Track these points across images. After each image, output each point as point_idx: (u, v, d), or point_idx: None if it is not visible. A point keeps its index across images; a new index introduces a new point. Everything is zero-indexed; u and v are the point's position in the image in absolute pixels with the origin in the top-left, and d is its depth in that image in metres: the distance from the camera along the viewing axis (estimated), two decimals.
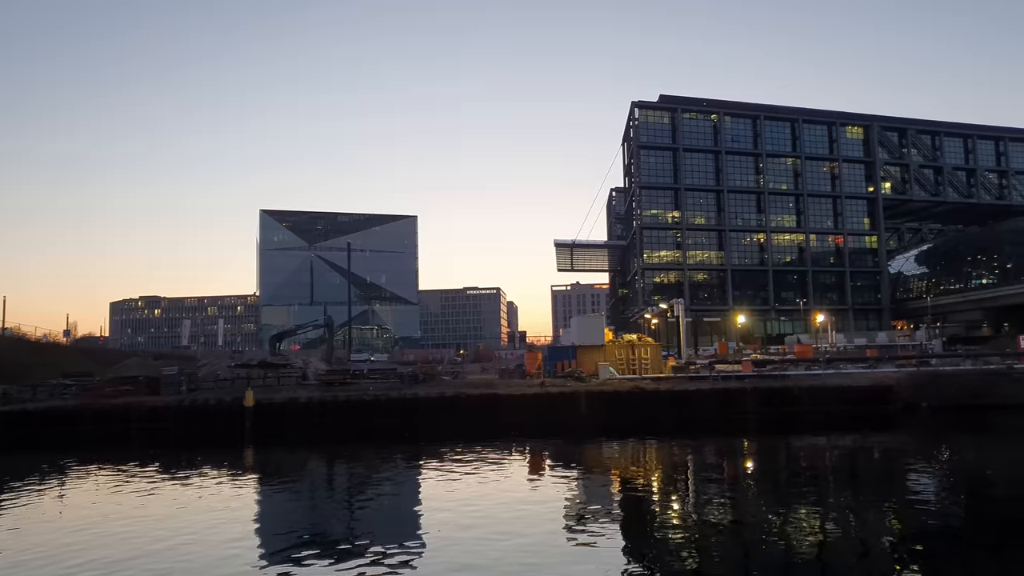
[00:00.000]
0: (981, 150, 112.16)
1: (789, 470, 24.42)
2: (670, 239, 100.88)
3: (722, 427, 34.63)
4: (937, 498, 19.42)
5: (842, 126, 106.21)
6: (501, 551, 13.82)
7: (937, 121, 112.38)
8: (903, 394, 38.12)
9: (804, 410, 37.04)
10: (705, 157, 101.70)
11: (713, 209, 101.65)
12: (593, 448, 29.91)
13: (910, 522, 16.38)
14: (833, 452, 27.93)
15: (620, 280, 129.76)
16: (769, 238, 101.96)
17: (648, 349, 48.45)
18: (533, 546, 14.17)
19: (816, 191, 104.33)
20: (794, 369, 47.09)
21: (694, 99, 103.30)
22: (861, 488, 21.05)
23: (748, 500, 19.23)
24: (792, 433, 32.66)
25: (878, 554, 13.98)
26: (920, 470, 23.91)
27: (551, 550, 13.96)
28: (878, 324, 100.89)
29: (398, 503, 20.00)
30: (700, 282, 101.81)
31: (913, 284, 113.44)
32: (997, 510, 17.64)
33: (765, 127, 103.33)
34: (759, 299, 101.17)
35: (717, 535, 15.23)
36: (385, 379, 46.25)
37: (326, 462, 28.14)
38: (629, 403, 37.75)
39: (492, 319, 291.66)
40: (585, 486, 21.57)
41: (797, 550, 14.01)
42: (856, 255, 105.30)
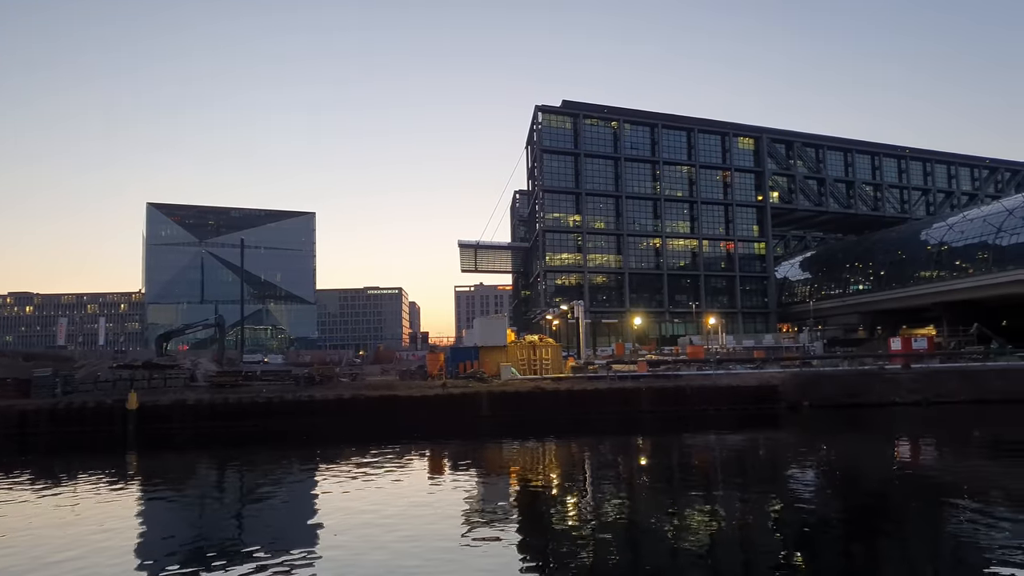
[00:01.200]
0: (859, 164, 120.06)
1: (681, 466, 25.23)
2: (571, 242, 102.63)
3: (619, 425, 35.42)
4: (817, 490, 20.55)
5: (735, 137, 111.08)
6: (398, 553, 13.61)
7: (821, 135, 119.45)
8: (787, 393, 40.19)
9: (696, 409, 38.43)
10: (605, 163, 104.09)
11: (613, 214, 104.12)
12: (494, 448, 29.97)
13: (793, 513, 17.27)
14: (722, 449, 29.08)
15: (523, 282, 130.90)
16: (665, 243, 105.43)
17: (549, 350, 49.05)
18: (431, 547, 14.02)
19: (709, 199, 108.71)
20: (686, 369, 48.83)
21: (596, 105, 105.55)
22: (748, 482, 21.97)
23: (642, 496, 19.72)
24: (685, 431, 33.76)
25: (763, 544, 14.62)
26: (802, 465, 25.25)
27: (449, 550, 13.84)
28: (765, 327, 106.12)
29: (292, 507, 19.35)
30: (599, 284, 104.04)
31: (797, 289, 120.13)
32: (869, 500, 18.86)
33: (663, 135, 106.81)
34: (655, 302, 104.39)
35: (612, 530, 15.52)
36: (280, 381, 44.81)
37: (216, 467, 26.91)
38: (530, 403, 38.08)
39: (393, 320, 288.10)
40: (484, 486, 21.56)
41: (688, 543, 14.47)
42: (745, 261, 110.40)
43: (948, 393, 41.01)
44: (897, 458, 26.44)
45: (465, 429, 34.47)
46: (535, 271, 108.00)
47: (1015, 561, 12.42)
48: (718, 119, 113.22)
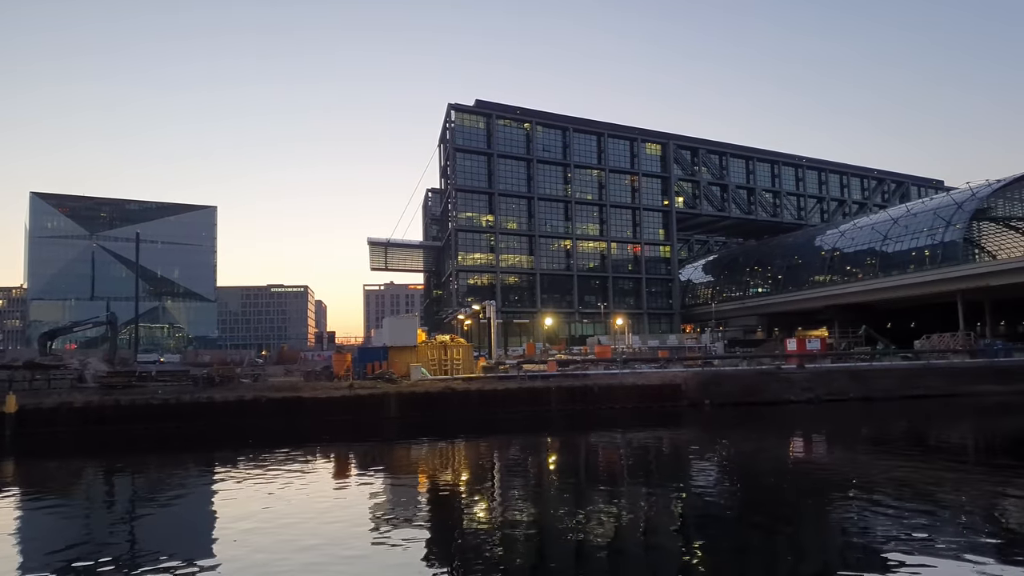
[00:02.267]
0: (759, 172, 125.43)
1: (588, 464, 25.52)
2: (484, 242, 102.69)
3: (529, 425, 35.55)
4: (717, 485, 21.17)
5: (643, 142, 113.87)
6: (303, 559, 13.10)
7: (724, 143, 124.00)
8: (689, 392, 41.42)
9: (603, 407, 39.05)
10: (518, 164, 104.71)
11: (525, 215, 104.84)
12: (402, 449, 29.50)
13: (694, 507, 17.74)
14: (628, 446, 29.59)
15: (435, 281, 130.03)
16: (575, 245, 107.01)
17: (460, 350, 48.77)
18: (337, 552, 13.57)
19: (618, 202, 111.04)
20: (594, 369, 49.55)
21: (509, 107, 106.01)
22: (652, 478, 22.43)
23: (550, 494, 19.79)
24: (592, 429, 34.19)
25: (666, 538, 14.90)
26: (703, 461, 25.99)
27: (356, 555, 13.44)
28: (670, 327, 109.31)
29: (188, 515, 18.38)
30: (512, 285, 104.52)
31: (700, 291, 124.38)
32: (766, 493, 19.60)
33: (574, 139, 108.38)
34: (565, 302, 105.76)
35: (520, 529, 15.47)
36: (176, 381, 42.75)
37: (105, 474, 25.30)
38: (440, 403, 37.75)
39: (299, 318, 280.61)
40: (392, 488, 21.13)
41: (594, 539, 14.56)
42: (652, 263, 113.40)
43: (838, 391, 43.31)
44: (791, 453, 27.61)
45: (373, 431, 33.82)
46: (447, 270, 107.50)
47: (899, 548, 13.10)
48: (627, 124, 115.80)
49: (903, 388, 44.49)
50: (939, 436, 31.94)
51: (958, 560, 12.32)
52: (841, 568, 12.50)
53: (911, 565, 12.18)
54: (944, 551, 12.92)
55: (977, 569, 11.82)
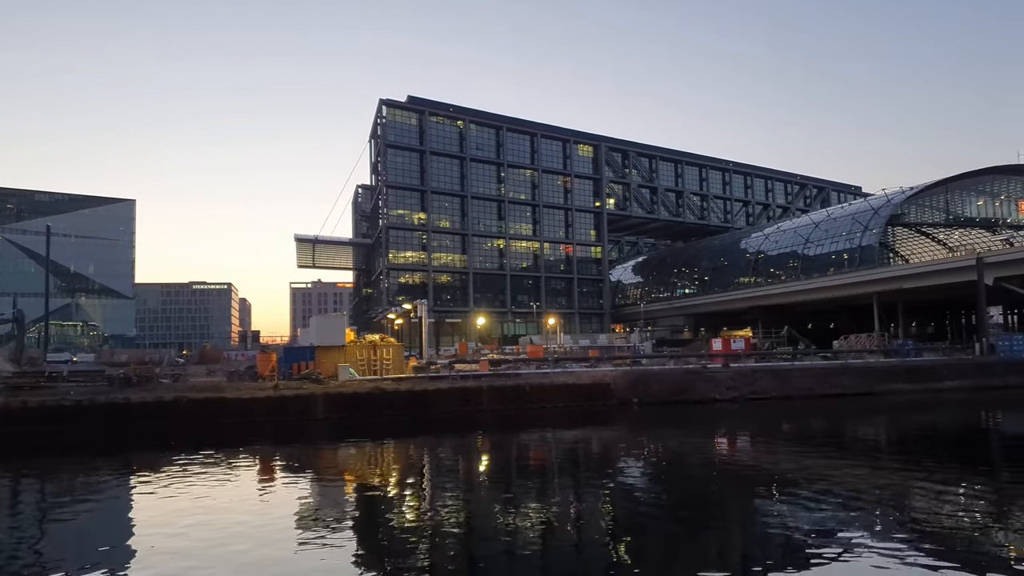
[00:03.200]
0: (688, 175, 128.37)
1: (519, 463, 25.38)
2: (416, 240, 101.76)
3: (460, 425, 35.24)
4: (645, 482, 21.34)
5: (575, 144, 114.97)
6: (225, 563, 12.46)
7: (653, 146, 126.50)
8: (619, 391, 41.85)
9: (534, 406, 39.04)
10: (451, 162, 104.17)
11: (458, 213, 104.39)
12: (329, 451, 28.74)
13: (623, 503, 17.81)
14: (558, 445, 29.63)
15: (365, 279, 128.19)
16: (508, 244, 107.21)
17: (390, 350, 48.06)
18: (262, 556, 12.97)
19: (551, 203, 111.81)
20: (526, 368, 49.58)
21: (442, 104, 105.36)
22: (581, 477, 22.45)
23: (480, 494, 19.56)
24: (524, 428, 34.13)
25: (595, 534, 14.85)
26: (631, 458, 26.21)
27: (281, 559, 12.86)
28: (600, 327, 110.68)
29: (103, 521, 17.30)
30: (444, 284, 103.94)
31: (630, 292, 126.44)
32: (692, 489, 19.85)
33: (507, 138, 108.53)
34: (498, 302, 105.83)
35: (449, 529, 15.18)
36: (91, 382, 40.75)
37: (10, 479, 23.69)
38: (369, 404, 37.02)
39: (222, 317, 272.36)
40: (319, 490, 20.50)
41: (523, 536, 14.39)
42: (583, 264, 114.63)
43: (761, 390, 44.51)
44: (717, 451, 28.14)
45: (299, 433, 32.87)
46: (378, 269, 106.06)
47: (818, 539, 13.43)
48: (560, 126, 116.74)
49: (822, 387, 46.06)
50: (855, 433, 33.11)
51: (871, 549, 12.67)
52: (764, 559, 12.70)
53: (828, 555, 12.50)
54: (859, 541, 13.27)
55: (888, 557, 12.17)
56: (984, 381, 50.48)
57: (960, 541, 13.71)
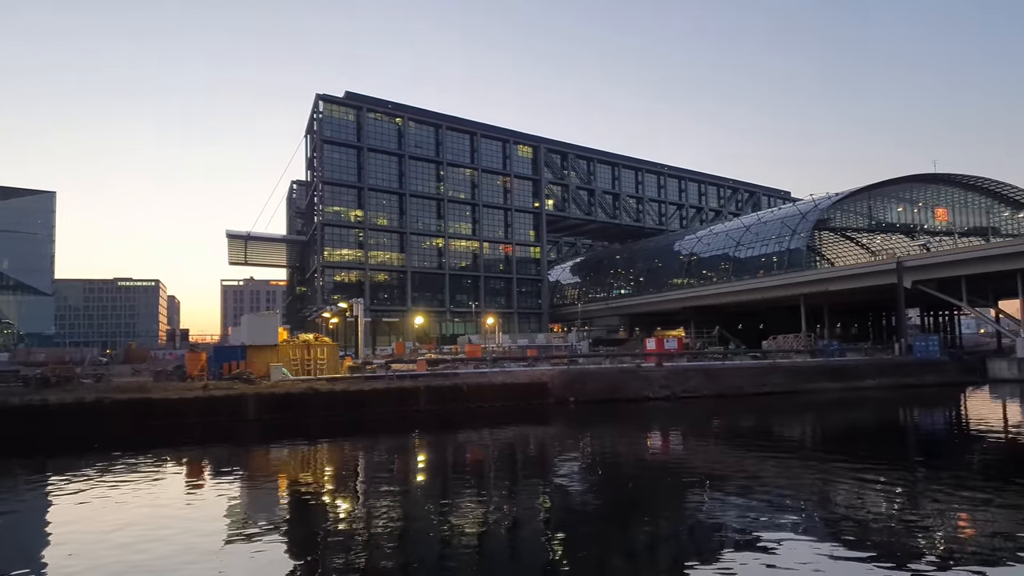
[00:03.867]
0: (624, 178, 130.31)
1: (456, 463, 25.28)
2: (352, 238, 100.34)
3: (396, 425, 34.91)
4: (580, 479, 21.51)
5: (515, 144, 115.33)
6: (148, 569, 11.96)
7: (592, 148, 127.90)
8: (556, 390, 42.18)
9: (472, 406, 39.03)
10: (389, 159, 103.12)
11: (396, 211, 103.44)
12: (260, 453, 28.07)
13: (558, 501, 17.92)
14: (496, 445, 29.63)
15: (299, 277, 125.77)
16: (447, 243, 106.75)
17: (325, 349, 47.25)
18: (189, 562, 12.50)
19: (490, 203, 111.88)
20: (464, 368, 49.49)
21: (381, 100, 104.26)
22: (518, 475, 22.50)
23: (416, 494, 19.38)
24: (461, 428, 34.03)
25: (530, 532, 14.87)
26: (567, 456, 26.41)
27: (203, 564, 12.43)
28: (538, 326, 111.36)
29: (15, 529, 16.41)
30: (381, 282, 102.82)
31: (568, 292, 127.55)
32: (625, 486, 20.09)
33: (447, 137, 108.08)
34: (436, 301, 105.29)
35: (385, 530, 14.97)
36: (4, 383, 38.75)
37: None
38: (302, 404, 36.34)
39: (149, 315, 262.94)
40: (248, 493, 19.96)
41: (459, 535, 14.32)
42: (522, 264, 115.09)
43: (693, 389, 45.53)
44: (650, 448, 28.61)
45: (229, 434, 31.96)
46: (312, 266, 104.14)
47: (747, 533, 13.77)
48: (500, 126, 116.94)
49: (752, 386, 47.41)
50: (783, 430, 34.19)
51: (798, 541, 13.08)
52: (695, 553, 12.92)
53: (757, 548, 12.81)
54: (787, 534, 13.67)
55: (813, 549, 12.61)
56: (902, 380, 52.86)
57: (880, 532, 14.27)
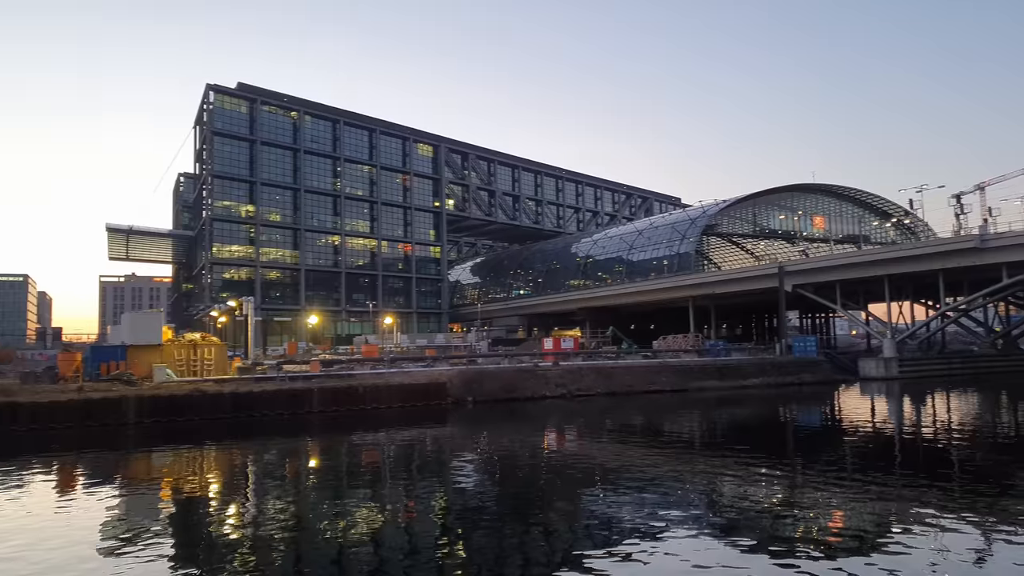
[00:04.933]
0: (524, 180, 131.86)
1: (351, 466, 24.84)
2: (243, 234, 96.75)
3: (288, 427, 33.94)
4: (477, 479, 21.63)
5: (415, 142, 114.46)
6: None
7: (492, 150, 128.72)
8: (454, 390, 42.18)
9: (369, 407, 38.48)
10: (284, 153, 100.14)
11: (290, 207, 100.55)
12: (141, 459, 26.62)
13: (454, 502, 17.92)
14: (392, 446, 29.32)
15: (186, 274, 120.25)
16: (344, 241, 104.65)
17: (212, 349, 45.31)
18: (60, 571, 11.71)
19: (389, 200, 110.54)
20: (360, 368, 48.67)
21: (275, 93, 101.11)
22: (414, 477, 22.34)
23: (309, 499, 18.90)
24: (357, 430, 33.46)
25: (425, 533, 14.81)
26: (464, 456, 26.47)
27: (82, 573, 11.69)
28: (438, 326, 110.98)
29: None
30: (273, 280, 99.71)
31: (468, 292, 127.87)
32: (522, 484, 20.39)
33: (344, 132, 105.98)
34: (332, 300, 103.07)
35: (275, 536, 14.50)
36: None
37: None
38: (188, 407, 34.74)
39: (16, 312, 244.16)
40: (128, 500, 18.86)
41: (352, 539, 14.10)
42: (422, 263, 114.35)
43: (588, 387, 46.64)
44: (546, 446, 29.08)
45: (107, 439, 30.11)
46: (200, 263, 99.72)
47: (639, 527, 14.25)
48: (400, 123, 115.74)
49: (643, 384, 49.04)
50: (672, 427, 35.52)
51: (688, 534, 13.68)
52: (590, 549, 13.22)
53: (649, 540, 13.28)
54: (676, 527, 14.25)
55: (702, 540, 13.23)
56: (782, 378, 56.06)
57: (762, 521, 15.13)
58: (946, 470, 21.76)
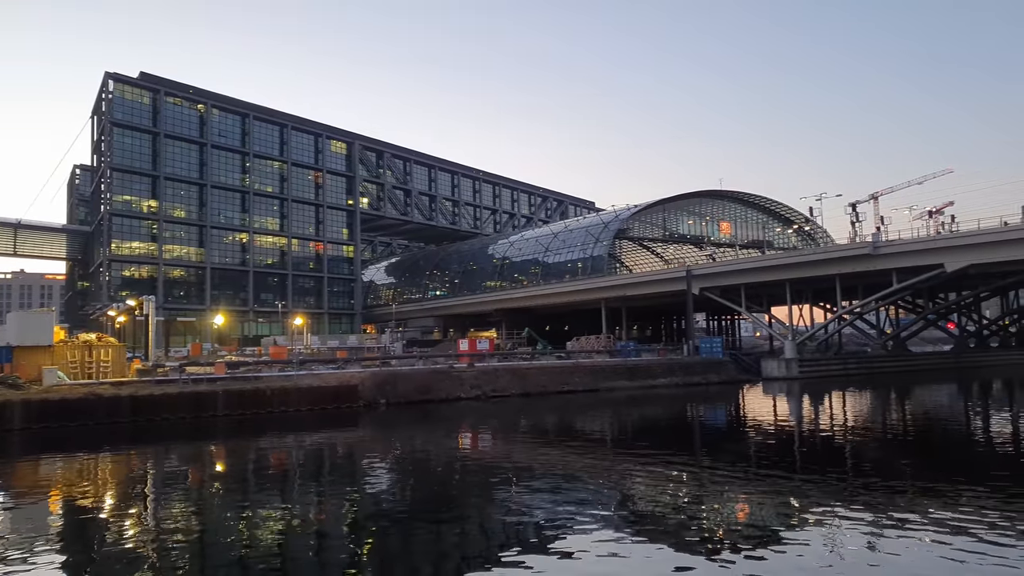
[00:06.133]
0: (441, 180, 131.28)
1: (258, 471, 24.09)
2: (145, 230, 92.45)
3: (191, 432, 32.68)
4: (389, 482, 21.38)
5: (328, 139, 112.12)
6: None
7: (409, 149, 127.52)
8: (366, 392, 41.53)
9: (277, 411, 37.49)
10: (189, 147, 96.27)
11: (195, 203, 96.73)
12: (29, 466, 25.03)
13: (366, 506, 17.64)
14: (301, 450, 28.61)
15: (81, 271, 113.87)
16: (252, 239, 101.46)
17: (109, 350, 43.01)
18: None
19: (301, 198, 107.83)
20: (268, 370, 47.25)
21: (181, 84, 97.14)
22: (325, 482, 21.88)
23: (213, 506, 18.21)
24: (264, 434, 32.55)
25: (335, 539, 14.52)
26: (375, 459, 26.10)
27: None
28: (351, 327, 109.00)
29: None
30: (177, 279, 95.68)
31: (382, 292, 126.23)
32: (435, 486, 20.24)
33: (254, 127, 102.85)
34: (239, 300, 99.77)
35: (175, 546, 13.85)
36: None
37: None
38: (82, 411, 32.97)
39: None
40: (9, 513, 17.63)
41: (260, 548, 13.66)
42: (334, 262, 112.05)
43: (502, 388, 46.84)
44: (460, 447, 29.04)
45: None
46: (97, 259, 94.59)
47: (553, 525, 14.42)
48: (313, 119, 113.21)
49: (556, 384, 49.64)
50: (584, 426, 36.10)
51: (601, 530, 13.90)
52: (503, 548, 13.26)
53: (563, 538, 13.45)
54: (589, 523, 14.48)
55: (614, 538, 13.47)
56: (689, 378, 57.82)
57: (671, 517, 15.56)
58: (841, 465, 22.98)
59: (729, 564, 11.78)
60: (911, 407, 43.64)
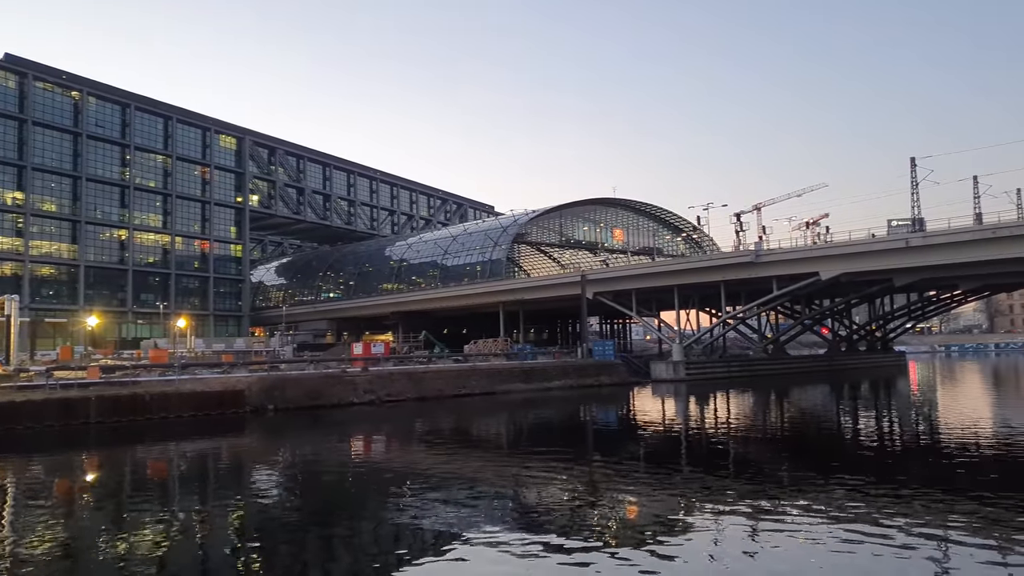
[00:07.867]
0: (336, 179, 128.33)
1: (133, 481, 22.65)
2: (9, 223, 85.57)
3: (60, 441, 30.36)
4: (277, 491, 20.53)
5: (217, 133, 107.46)
6: None
7: (302, 146, 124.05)
8: (253, 398, 39.90)
9: (156, 417, 35.53)
10: (62, 137, 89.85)
11: (68, 196, 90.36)
12: None
13: (251, 516, 16.88)
14: (181, 458, 27.16)
15: None
16: (132, 236, 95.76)
17: None
18: None
19: (186, 194, 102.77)
20: (147, 375, 44.61)
21: (53, 68, 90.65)
22: (207, 491, 20.82)
23: (82, 520, 16.90)
24: (142, 442, 30.76)
25: (220, 552, 13.78)
26: (262, 468, 25.05)
27: None
28: (238, 330, 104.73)
29: None
30: (46, 277, 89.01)
31: (272, 293, 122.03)
32: (325, 494, 19.63)
33: (136, 117, 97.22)
34: (116, 300, 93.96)
35: (39, 564, 12.69)
36: None
37: None
38: None
39: None
40: None
41: (137, 565, 12.71)
42: (221, 262, 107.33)
43: (398, 392, 46.17)
44: (352, 454, 28.34)
45: None
46: None
47: (448, 531, 14.23)
48: (200, 112, 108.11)
49: (453, 388, 49.39)
50: (479, 430, 36.08)
51: (497, 532, 13.83)
52: (398, 557, 12.97)
53: (458, 543, 13.30)
54: (485, 526, 14.38)
55: (509, 539, 13.40)
56: (583, 380, 58.92)
57: (564, 516, 15.67)
58: (724, 462, 23.95)
59: (625, 562, 11.95)
60: (788, 407, 46.17)
